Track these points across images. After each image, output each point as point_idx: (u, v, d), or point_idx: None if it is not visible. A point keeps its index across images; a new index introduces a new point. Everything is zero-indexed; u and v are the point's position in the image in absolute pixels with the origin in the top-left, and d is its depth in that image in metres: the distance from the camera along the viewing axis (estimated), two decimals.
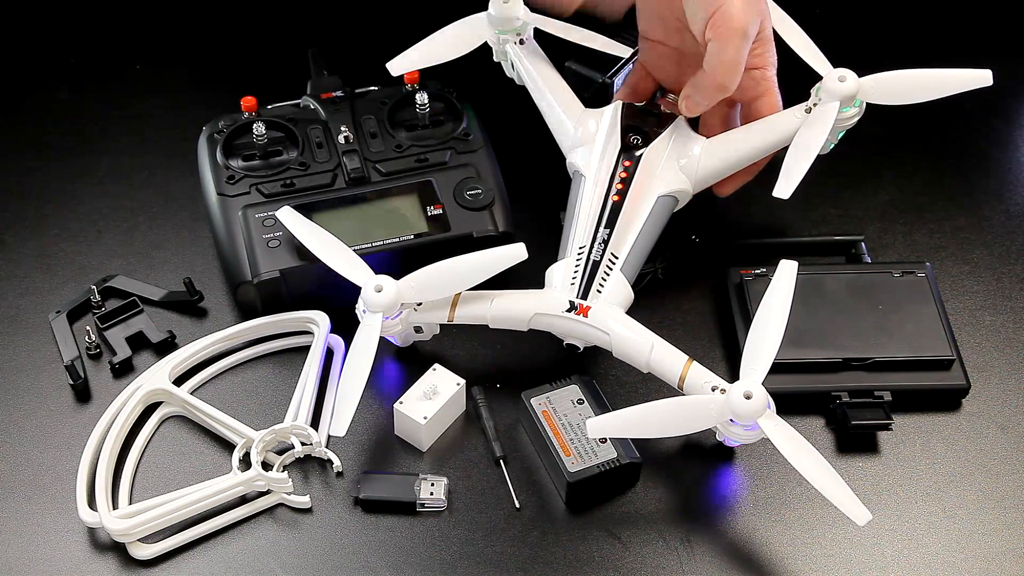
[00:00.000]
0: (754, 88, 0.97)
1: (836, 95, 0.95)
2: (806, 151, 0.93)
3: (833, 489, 0.82)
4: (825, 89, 0.96)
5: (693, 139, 0.98)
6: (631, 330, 0.90)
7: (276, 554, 0.87)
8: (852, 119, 0.97)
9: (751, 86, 0.97)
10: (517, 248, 0.91)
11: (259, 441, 0.90)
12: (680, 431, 0.85)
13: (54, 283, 1.02)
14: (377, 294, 0.89)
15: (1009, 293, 1.03)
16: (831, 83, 0.95)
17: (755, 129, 0.97)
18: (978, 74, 0.96)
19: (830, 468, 0.82)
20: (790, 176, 0.93)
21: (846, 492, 0.82)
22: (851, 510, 0.82)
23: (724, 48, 0.91)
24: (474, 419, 0.94)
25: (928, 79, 0.96)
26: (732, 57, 0.91)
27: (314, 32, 1.22)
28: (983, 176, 1.12)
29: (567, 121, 1.00)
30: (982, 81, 0.96)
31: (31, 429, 0.93)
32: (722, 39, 0.91)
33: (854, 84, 0.95)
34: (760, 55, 0.95)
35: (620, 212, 0.94)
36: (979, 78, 0.96)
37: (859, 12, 1.25)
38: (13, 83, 1.19)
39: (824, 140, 0.94)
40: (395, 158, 1.01)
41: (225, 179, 0.99)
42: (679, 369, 0.88)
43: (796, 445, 0.83)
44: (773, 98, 0.97)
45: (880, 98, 0.96)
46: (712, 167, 0.97)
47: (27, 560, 0.86)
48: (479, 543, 0.87)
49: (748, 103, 0.99)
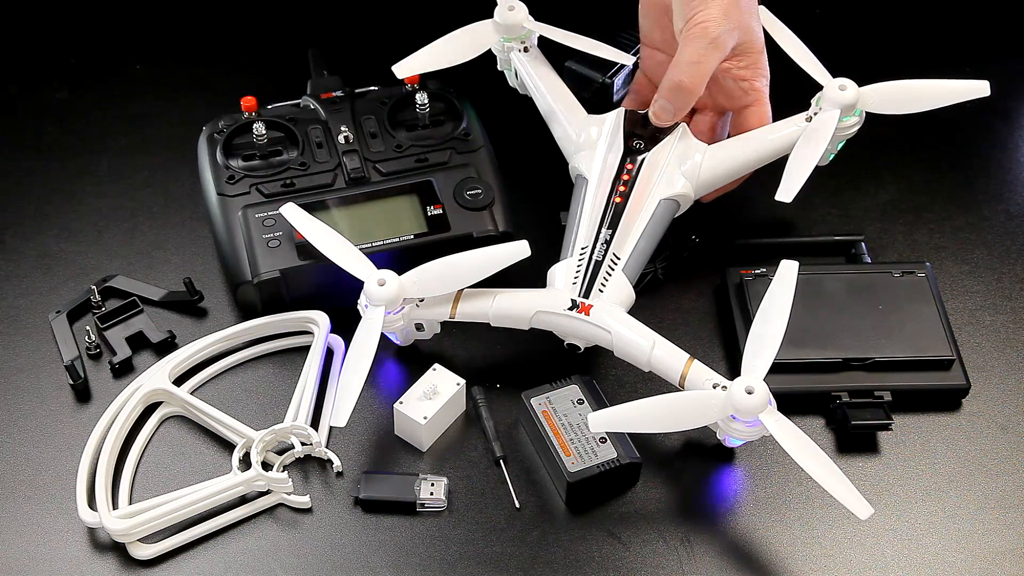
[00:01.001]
0: (743, 98, 0.99)
1: (837, 104, 0.96)
2: (807, 158, 0.95)
3: (835, 484, 0.82)
4: (826, 98, 0.97)
5: (695, 145, 0.99)
6: (632, 329, 0.90)
7: (276, 554, 0.87)
8: (852, 128, 0.98)
9: (739, 96, 0.99)
10: (520, 245, 0.92)
11: (259, 441, 0.90)
12: (682, 426, 0.85)
13: (54, 283, 1.02)
14: (380, 288, 0.89)
15: (1009, 293, 1.03)
16: (832, 92, 0.97)
17: (756, 137, 0.99)
18: (976, 85, 0.98)
19: (832, 463, 0.82)
20: (791, 182, 0.94)
21: (848, 487, 0.82)
22: (853, 504, 0.82)
23: (687, 48, 0.94)
24: (474, 419, 0.94)
25: (927, 89, 0.98)
26: (693, 57, 0.94)
27: (314, 32, 1.22)
28: (983, 176, 1.12)
29: (570, 128, 1.00)
30: (980, 92, 0.98)
31: (31, 429, 0.93)
32: (689, 40, 0.94)
33: (854, 93, 0.96)
34: (748, 67, 0.98)
35: (623, 213, 0.95)
36: (977, 89, 0.98)
37: (858, 18, 1.25)
38: (13, 83, 1.19)
39: (825, 146, 0.95)
40: (395, 158, 1.01)
41: (225, 179, 0.99)
42: (680, 367, 0.88)
43: (798, 440, 0.83)
44: (762, 108, 1.00)
45: (880, 108, 0.98)
46: (714, 173, 0.98)
47: (27, 560, 0.86)
48: (479, 543, 0.87)
49: (737, 112, 1.01)
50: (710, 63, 0.95)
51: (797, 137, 0.97)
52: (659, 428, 0.86)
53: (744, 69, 0.98)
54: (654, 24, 1.00)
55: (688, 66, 0.95)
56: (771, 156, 0.99)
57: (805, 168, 0.94)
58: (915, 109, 0.98)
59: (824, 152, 0.96)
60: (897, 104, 0.98)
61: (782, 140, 0.98)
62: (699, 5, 0.94)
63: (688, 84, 0.95)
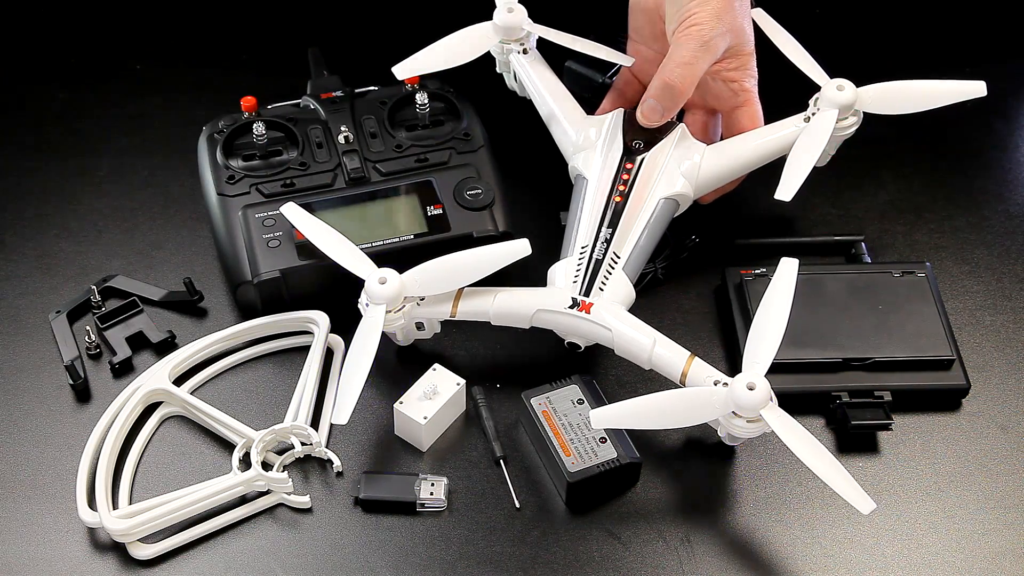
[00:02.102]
0: (732, 99, 1.00)
1: (834, 104, 0.97)
2: (805, 157, 0.95)
3: (837, 479, 0.82)
4: (824, 98, 0.97)
5: (695, 145, 0.99)
6: (633, 327, 0.90)
7: (276, 554, 0.87)
8: (850, 128, 0.99)
9: (729, 97, 1.00)
10: (521, 244, 0.92)
11: (259, 441, 0.90)
12: (683, 422, 0.85)
13: (54, 283, 1.02)
14: (381, 286, 0.89)
15: (1009, 293, 1.03)
16: (830, 92, 0.97)
17: (755, 137, 0.99)
18: (972, 85, 0.98)
19: (833, 459, 0.82)
20: (790, 181, 0.94)
21: (850, 482, 0.82)
22: (855, 499, 0.82)
23: (678, 49, 0.95)
24: (474, 419, 0.94)
25: (924, 90, 0.99)
26: (684, 58, 0.94)
27: (314, 32, 1.22)
28: (983, 176, 1.12)
29: (570, 129, 1.00)
30: (976, 92, 0.99)
31: (31, 429, 0.93)
32: (681, 41, 0.95)
33: (852, 94, 0.97)
34: (737, 68, 0.99)
35: (623, 212, 0.95)
36: (973, 89, 0.99)
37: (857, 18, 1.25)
38: (13, 83, 1.19)
39: (823, 146, 0.96)
40: (395, 158, 1.01)
41: (225, 179, 0.99)
42: (681, 365, 0.88)
43: (799, 436, 0.83)
44: (752, 108, 1.00)
45: (877, 108, 0.98)
46: (713, 173, 0.98)
47: (27, 560, 0.86)
48: (479, 543, 0.87)
49: (728, 113, 1.01)
50: (701, 65, 0.95)
51: (795, 137, 0.97)
52: (660, 424, 0.86)
53: (734, 71, 0.99)
54: (644, 21, 1.01)
55: (679, 67, 0.95)
56: (769, 156, 0.99)
57: (804, 168, 0.95)
58: (912, 109, 0.99)
59: (823, 152, 0.96)
60: (894, 104, 0.98)
61: (780, 140, 0.98)
62: (693, 7, 0.94)
63: (678, 85, 0.95)
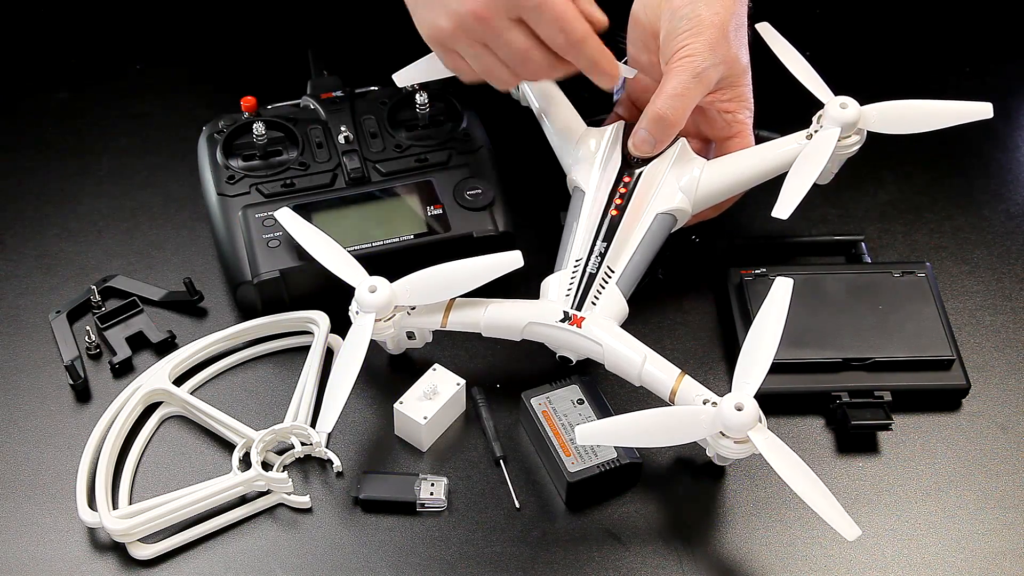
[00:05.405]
0: (726, 129, 0.99)
1: (837, 121, 0.96)
2: (805, 175, 0.94)
3: (823, 504, 0.81)
4: (827, 115, 0.97)
5: (694, 160, 0.98)
6: (624, 343, 0.90)
7: (276, 554, 0.87)
8: (853, 147, 0.98)
9: (722, 127, 0.99)
10: (513, 256, 0.91)
11: (259, 441, 0.90)
12: (670, 441, 0.85)
13: (54, 283, 1.02)
14: (371, 295, 0.89)
15: (1009, 293, 1.03)
16: (833, 110, 0.96)
17: (756, 153, 0.98)
18: (979, 107, 0.98)
19: (820, 483, 0.82)
20: (789, 198, 0.93)
21: (836, 508, 0.81)
22: (841, 526, 0.81)
23: (671, 81, 0.94)
24: (474, 419, 0.94)
25: (929, 110, 0.98)
26: (676, 90, 0.93)
27: (314, 32, 1.22)
28: (983, 176, 1.12)
29: (568, 140, 1.00)
30: (983, 114, 0.98)
31: (31, 429, 0.93)
32: (674, 72, 0.94)
33: (855, 112, 0.96)
34: (732, 99, 0.98)
35: (618, 227, 0.94)
36: (980, 111, 0.98)
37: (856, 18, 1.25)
38: (13, 83, 1.19)
39: (824, 164, 0.95)
40: (395, 158, 1.01)
41: (225, 179, 0.99)
42: (671, 383, 0.88)
43: (786, 459, 0.82)
44: (745, 140, 0.99)
45: (881, 127, 0.98)
46: (712, 188, 0.97)
47: (27, 560, 0.86)
48: (479, 543, 0.87)
49: (720, 143, 1.01)
50: (693, 97, 0.94)
51: (797, 154, 0.96)
52: (647, 443, 0.86)
53: (728, 102, 0.98)
54: (642, 48, 0.99)
55: (671, 99, 0.94)
56: (770, 173, 0.98)
57: (803, 185, 0.94)
58: (917, 129, 0.98)
59: (824, 170, 0.96)
60: (898, 124, 0.98)
61: (782, 157, 0.97)
62: (686, 38, 0.93)
63: (670, 117, 0.94)
